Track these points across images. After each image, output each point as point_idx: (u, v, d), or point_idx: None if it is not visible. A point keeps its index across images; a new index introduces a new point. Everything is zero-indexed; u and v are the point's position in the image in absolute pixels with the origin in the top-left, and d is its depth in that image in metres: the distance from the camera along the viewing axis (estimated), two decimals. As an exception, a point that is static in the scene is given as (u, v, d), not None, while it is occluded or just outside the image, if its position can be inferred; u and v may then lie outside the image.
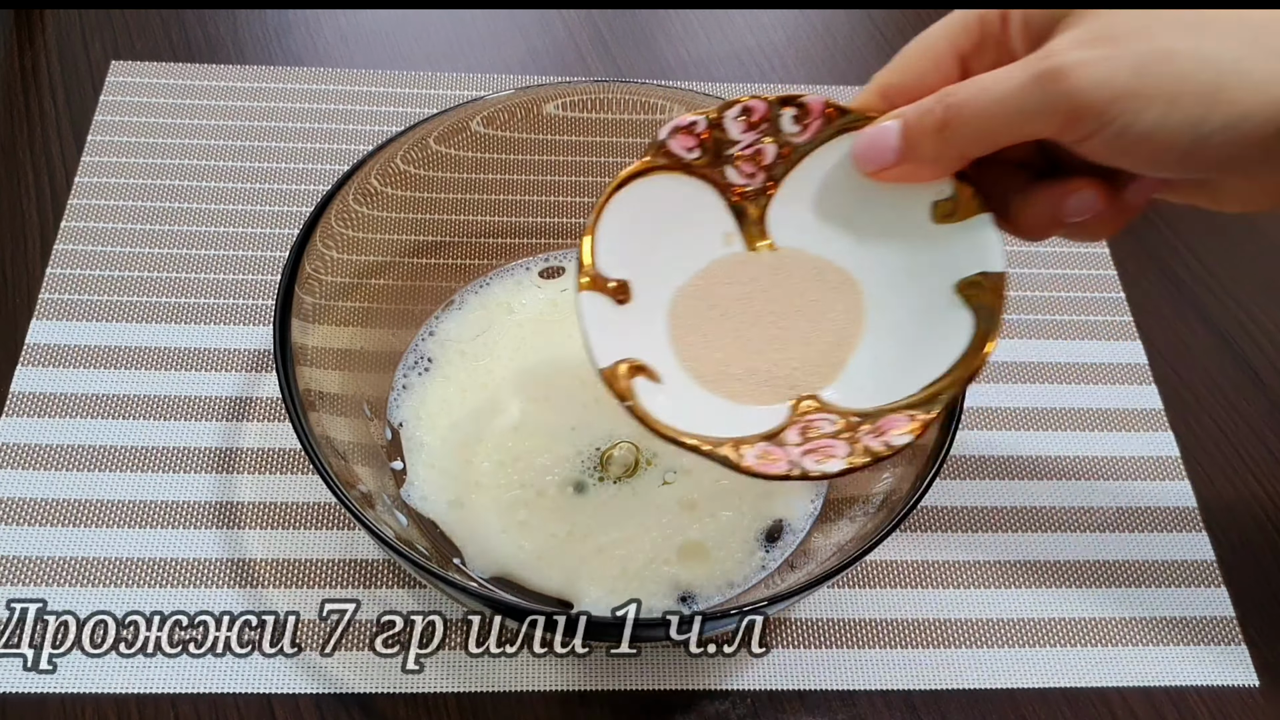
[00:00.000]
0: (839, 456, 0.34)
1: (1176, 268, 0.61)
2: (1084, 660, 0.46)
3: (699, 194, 0.38)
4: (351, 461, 0.42)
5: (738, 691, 0.44)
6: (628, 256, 0.37)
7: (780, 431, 0.36)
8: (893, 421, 0.35)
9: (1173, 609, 0.47)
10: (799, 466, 0.34)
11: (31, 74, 0.62)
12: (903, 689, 0.44)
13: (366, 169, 0.46)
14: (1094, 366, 0.55)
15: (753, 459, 0.34)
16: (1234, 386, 0.56)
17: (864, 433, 0.35)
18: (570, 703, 0.43)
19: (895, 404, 0.35)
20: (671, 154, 0.37)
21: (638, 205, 0.37)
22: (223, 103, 0.61)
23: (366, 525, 0.36)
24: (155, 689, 0.42)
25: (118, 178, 0.57)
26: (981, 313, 0.35)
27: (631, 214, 0.37)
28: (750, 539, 0.45)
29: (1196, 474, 0.52)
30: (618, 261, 0.37)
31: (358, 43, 0.66)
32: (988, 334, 0.35)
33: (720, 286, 0.39)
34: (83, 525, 0.45)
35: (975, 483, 0.51)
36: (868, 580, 0.47)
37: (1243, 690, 0.45)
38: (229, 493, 0.47)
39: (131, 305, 0.52)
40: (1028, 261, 0.60)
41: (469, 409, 0.48)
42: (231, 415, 0.49)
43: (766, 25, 0.71)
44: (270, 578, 0.45)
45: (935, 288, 0.36)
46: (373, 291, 0.49)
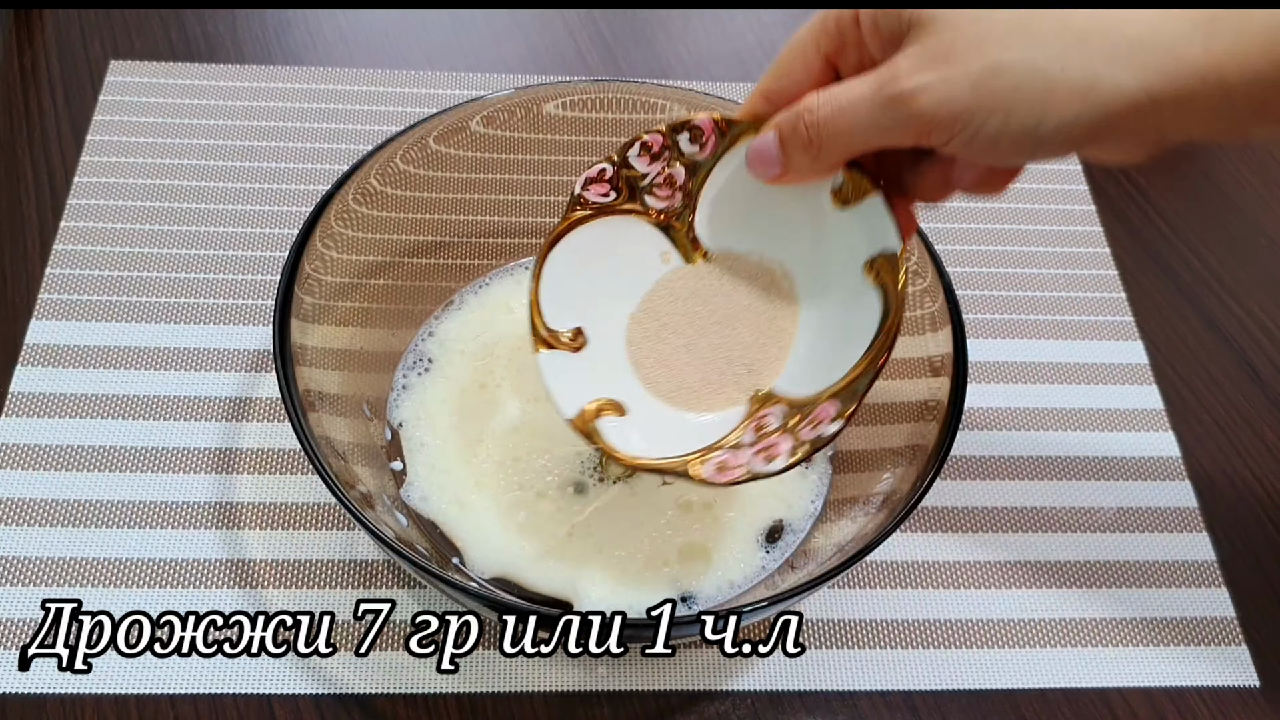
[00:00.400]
0: (783, 453, 0.37)
1: (1177, 267, 0.61)
2: (1084, 661, 0.45)
3: (627, 227, 0.41)
4: (351, 462, 0.42)
5: (738, 692, 0.44)
6: (575, 304, 0.41)
7: (739, 429, 0.39)
8: (824, 411, 0.37)
9: (1173, 609, 0.47)
10: (750, 470, 0.37)
11: (31, 73, 0.62)
12: (903, 690, 0.44)
13: (366, 169, 0.46)
14: (1094, 366, 0.55)
15: (711, 471, 0.38)
16: (1234, 386, 0.56)
17: (802, 426, 0.38)
18: (570, 703, 0.43)
19: (826, 391, 0.38)
20: (591, 203, 0.41)
21: (573, 256, 0.41)
22: (222, 102, 0.61)
23: (366, 526, 0.36)
24: (155, 689, 0.42)
25: (117, 177, 0.57)
26: (887, 293, 0.37)
27: (569, 266, 0.40)
28: (750, 539, 0.45)
29: (1197, 474, 0.52)
30: (566, 312, 0.41)
31: (357, 42, 0.66)
32: (888, 315, 0.37)
33: (666, 305, 0.42)
34: (80, 525, 0.45)
35: (975, 483, 0.51)
36: (868, 580, 0.47)
37: (1243, 691, 0.45)
38: (228, 493, 0.47)
39: (131, 305, 0.52)
40: (1028, 261, 0.60)
41: (469, 409, 0.48)
42: (231, 415, 0.49)
43: (767, 24, 0.71)
44: (270, 578, 0.45)
45: (849, 271, 0.38)
46: (372, 291, 0.49)
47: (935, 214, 0.61)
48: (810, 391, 0.38)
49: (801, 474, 0.47)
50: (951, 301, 0.43)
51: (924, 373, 0.44)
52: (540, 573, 0.44)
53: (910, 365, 0.45)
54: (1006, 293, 0.58)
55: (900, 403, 0.46)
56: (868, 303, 0.37)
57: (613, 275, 0.41)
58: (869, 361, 0.37)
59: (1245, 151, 0.67)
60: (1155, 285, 0.60)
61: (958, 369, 0.42)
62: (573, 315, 0.41)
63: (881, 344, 0.37)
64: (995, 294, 0.58)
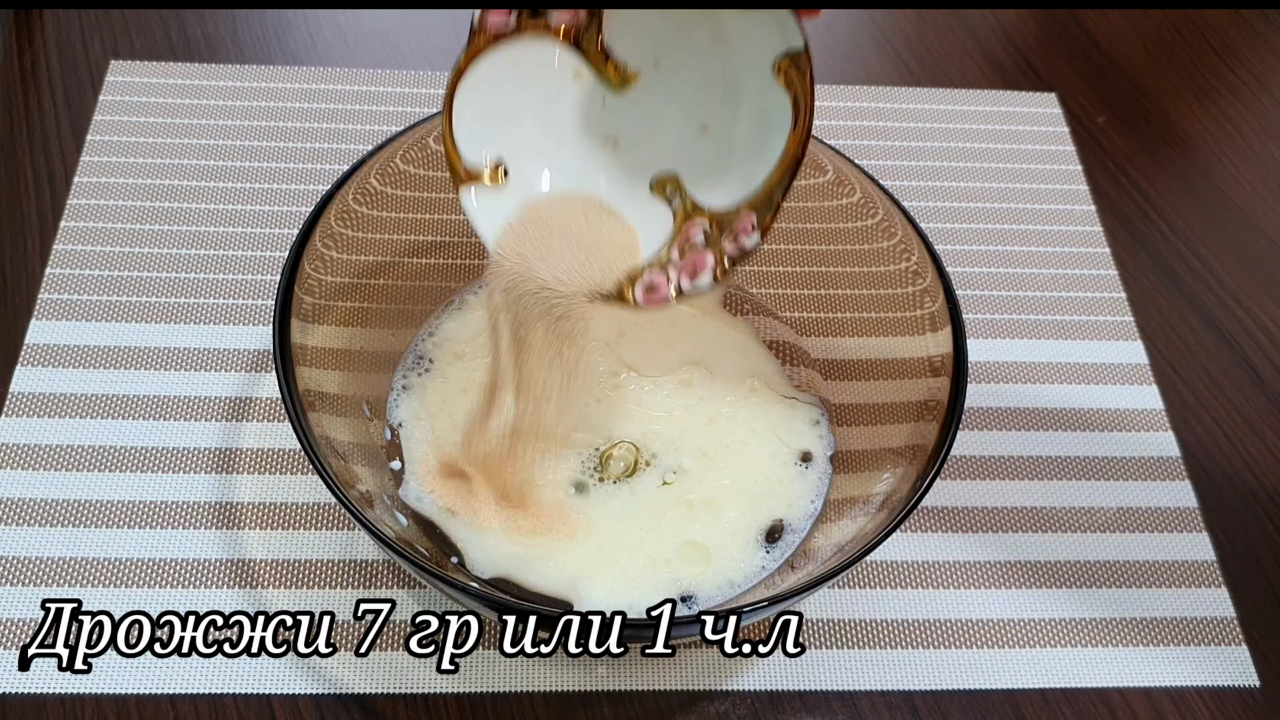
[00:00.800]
0: (707, 269, 0.38)
1: (1177, 267, 0.61)
2: (1084, 660, 0.45)
3: (535, 48, 0.40)
4: (351, 462, 0.42)
5: (738, 692, 0.44)
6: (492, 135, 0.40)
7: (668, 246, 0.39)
8: (743, 223, 0.37)
9: (1173, 609, 0.47)
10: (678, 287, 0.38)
11: (31, 73, 0.62)
12: (903, 689, 0.44)
13: (366, 169, 0.46)
14: (1094, 366, 0.55)
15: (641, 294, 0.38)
16: (1234, 386, 0.56)
17: (724, 239, 0.38)
18: (570, 703, 0.43)
19: (744, 201, 0.38)
20: (492, 32, 0.39)
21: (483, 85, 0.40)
22: (222, 102, 0.61)
23: (366, 525, 0.36)
24: (154, 689, 0.42)
25: (117, 177, 0.57)
26: (795, 95, 0.36)
27: (480, 96, 0.40)
28: (750, 539, 0.45)
29: (1197, 474, 0.52)
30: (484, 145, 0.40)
31: (357, 42, 0.66)
32: (798, 118, 0.36)
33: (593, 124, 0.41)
34: (81, 525, 0.45)
35: (975, 483, 0.51)
36: (868, 580, 0.47)
37: (1243, 691, 0.45)
38: (228, 493, 0.47)
39: (131, 305, 0.52)
40: (1028, 261, 0.60)
41: (469, 409, 0.48)
42: (231, 415, 0.49)
43: (766, 24, 0.71)
44: (270, 578, 0.45)
45: (758, 76, 0.38)
46: (372, 292, 0.49)
47: (935, 214, 0.61)
48: (731, 202, 0.38)
49: (801, 474, 0.47)
50: (951, 301, 0.43)
51: (924, 373, 0.44)
52: (540, 573, 0.44)
53: (910, 365, 0.46)
54: (1006, 293, 0.58)
55: (900, 402, 0.46)
56: (778, 106, 0.37)
57: (527, 100, 0.40)
58: (783, 168, 0.36)
59: (1245, 151, 0.68)
60: (1155, 285, 0.60)
61: (958, 369, 0.42)
62: (491, 147, 0.40)
63: (793, 150, 0.36)
64: (995, 294, 0.58)
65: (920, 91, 0.67)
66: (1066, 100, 0.69)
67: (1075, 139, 0.66)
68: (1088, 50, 0.72)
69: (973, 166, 0.64)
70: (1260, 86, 0.72)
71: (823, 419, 0.49)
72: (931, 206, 0.61)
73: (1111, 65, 0.72)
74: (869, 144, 0.64)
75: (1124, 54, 0.72)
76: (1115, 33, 0.74)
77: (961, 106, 0.67)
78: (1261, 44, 0.75)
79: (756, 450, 0.48)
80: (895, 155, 0.64)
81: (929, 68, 0.69)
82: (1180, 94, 0.71)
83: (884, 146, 0.64)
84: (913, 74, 0.68)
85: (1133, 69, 0.72)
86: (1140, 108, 0.69)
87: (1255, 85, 0.72)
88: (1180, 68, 0.72)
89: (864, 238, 0.48)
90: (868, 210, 0.48)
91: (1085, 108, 0.69)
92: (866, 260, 0.49)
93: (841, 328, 0.51)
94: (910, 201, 0.60)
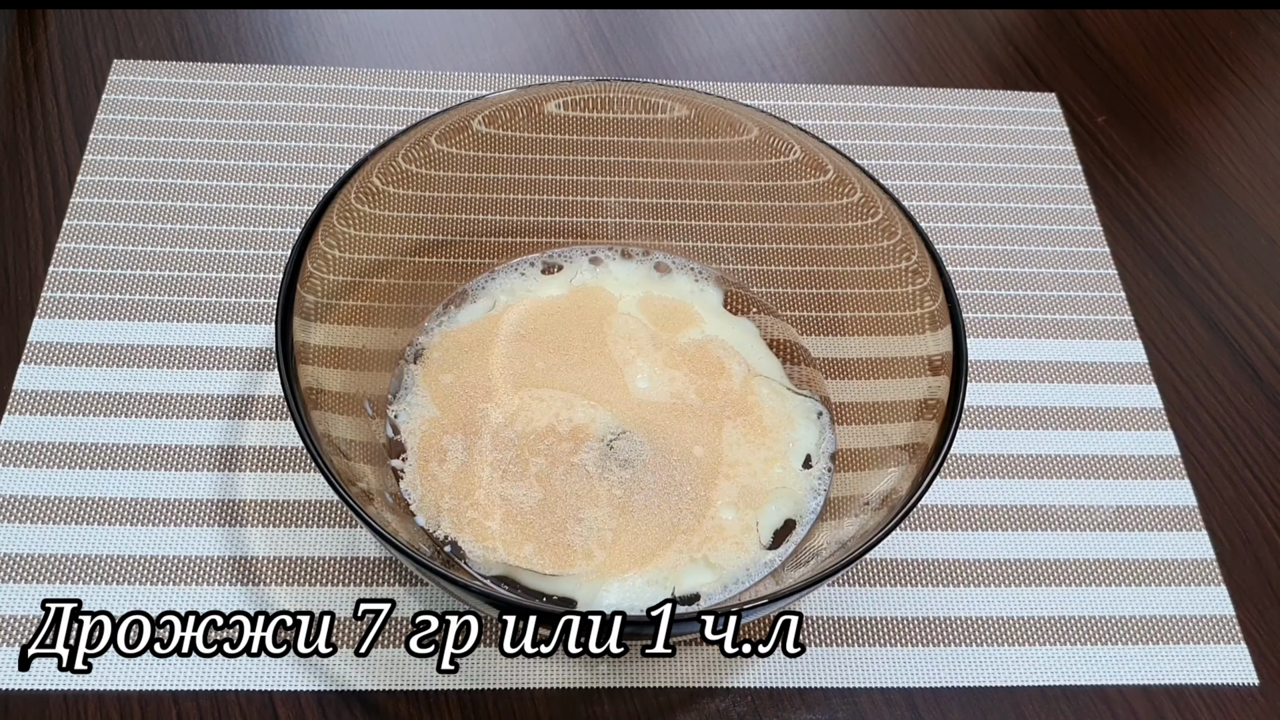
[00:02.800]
0: None
1: (1176, 266, 0.61)
2: (1084, 658, 0.46)
3: None
4: (353, 459, 0.42)
5: (738, 689, 0.44)
6: None
7: None
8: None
9: (1172, 607, 0.47)
10: None
11: (34, 73, 0.62)
12: (903, 687, 0.44)
13: (368, 168, 0.46)
14: (1094, 366, 0.56)
15: None
16: (1234, 385, 0.56)
17: None
18: (571, 699, 0.43)
19: None
20: None
21: None
22: (224, 101, 0.62)
23: (369, 523, 0.36)
24: (157, 685, 0.42)
25: (120, 176, 0.57)
26: None
27: None
28: (750, 538, 0.46)
29: (1196, 473, 0.52)
30: None
31: (359, 41, 0.66)
32: None
33: None
34: (83, 522, 0.45)
35: (975, 482, 0.51)
36: (868, 578, 0.47)
37: (1242, 689, 0.46)
38: (230, 490, 0.47)
39: (134, 303, 0.53)
40: (1028, 261, 0.60)
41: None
42: (233, 413, 0.49)
43: (768, 24, 0.71)
44: (271, 575, 0.45)
45: None
46: (374, 290, 0.49)
47: (935, 214, 0.61)
48: None
49: (802, 472, 0.47)
50: (951, 301, 0.43)
51: (923, 371, 0.44)
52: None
53: (910, 364, 0.46)
54: (1006, 292, 0.58)
55: (900, 401, 0.46)
56: None
57: None
58: None
59: (1245, 151, 0.68)
60: (1155, 285, 0.60)
61: (957, 368, 0.42)
62: None
63: None
64: (995, 293, 0.58)
65: (920, 91, 0.67)
66: (1066, 100, 0.69)
67: (1075, 139, 0.67)
68: (1088, 50, 0.72)
69: (973, 166, 0.64)
70: (1260, 86, 0.72)
71: (824, 417, 0.49)
72: (931, 206, 0.61)
73: (1111, 65, 0.72)
74: (869, 144, 0.64)
75: (1124, 54, 0.73)
76: (1115, 33, 0.74)
77: (961, 106, 0.67)
78: (1261, 44, 0.75)
79: (757, 449, 0.48)
80: (895, 155, 0.64)
81: (929, 68, 0.69)
82: (1180, 94, 0.71)
83: (884, 146, 0.64)
84: (913, 74, 0.69)
85: (1133, 69, 0.72)
86: (1140, 107, 0.69)
87: (1255, 85, 0.72)
88: (1180, 68, 0.72)
89: (864, 237, 0.48)
90: (868, 210, 0.48)
91: (1085, 107, 0.69)
92: (867, 259, 0.49)
93: (842, 327, 0.51)
94: (910, 201, 0.61)
